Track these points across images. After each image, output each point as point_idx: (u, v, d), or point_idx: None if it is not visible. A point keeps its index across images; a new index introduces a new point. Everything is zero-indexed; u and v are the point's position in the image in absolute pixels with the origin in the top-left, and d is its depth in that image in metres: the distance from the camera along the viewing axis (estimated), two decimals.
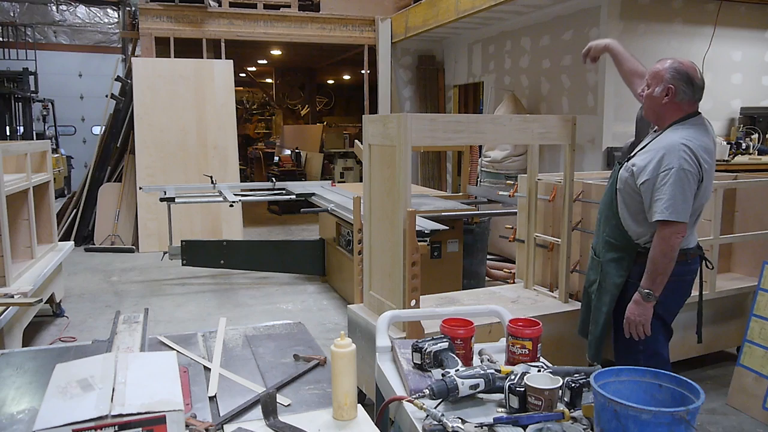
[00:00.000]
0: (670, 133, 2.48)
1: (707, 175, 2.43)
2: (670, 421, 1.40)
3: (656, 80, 2.49)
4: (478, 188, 6.50)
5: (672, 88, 2.45)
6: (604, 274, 2.65)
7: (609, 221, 2.64)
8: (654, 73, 2.50)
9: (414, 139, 2.70)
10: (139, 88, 8.07)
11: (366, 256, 3.12)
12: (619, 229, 2.58)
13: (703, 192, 2.46)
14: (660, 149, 2.42)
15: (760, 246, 4.00)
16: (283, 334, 2.28)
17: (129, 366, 1.57)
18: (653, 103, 2.52)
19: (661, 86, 2.47)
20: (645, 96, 2.53)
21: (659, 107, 2.51)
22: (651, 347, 2.57)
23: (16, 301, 3.74)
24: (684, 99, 2.47)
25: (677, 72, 2.45)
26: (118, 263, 7.12)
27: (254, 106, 17.91)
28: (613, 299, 2.60)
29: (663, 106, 2.49)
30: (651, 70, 2.53)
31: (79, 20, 14.27)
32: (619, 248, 2.59)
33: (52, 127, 13.80)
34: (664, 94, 2.47)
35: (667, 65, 2.48)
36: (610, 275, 2.62)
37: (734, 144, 6.07)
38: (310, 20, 9.39)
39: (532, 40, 7.40)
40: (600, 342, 2.69)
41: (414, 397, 1.73)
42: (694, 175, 2.37)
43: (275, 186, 6.99)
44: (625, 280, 2.57)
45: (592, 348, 2.72)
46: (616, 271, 2.59)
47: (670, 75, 2.45)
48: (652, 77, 2.50)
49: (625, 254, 2.57)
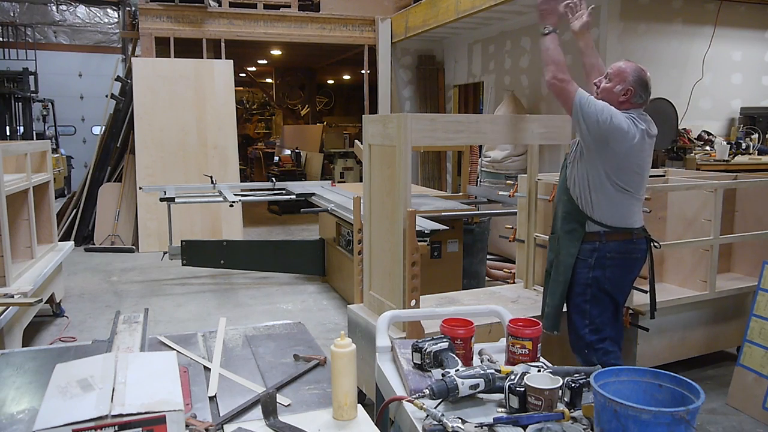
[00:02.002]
0: None
1: (641, 136, 2.62)
2: (670, 421, 1.40)
3: (619, 78, 2.67)
4: (478, 188, 6.50)
5: (631, 90, 2.67)
6: (560, 247, 2.80)
7: (561, 199, 2.83)
8: (618, 71, 2.68)
9: (414, 139, 2.70)
10: (139, 88, 8.07)
11: (366, 256, 3.12)
12: (571, 202, 2.78)
13: (637, 152, 2.64)
14: None
15: (760, 246, 4.00)
16: (283, 334, 2.28)
17: (129, 366, 1.57)
18: (609, 97, 2.69)
19: (623, 85, 2.67)
20: (602, 89, 2.71)
21: (614, 103, 2.67)
22: (596, 321, 2.75)
23: (16, 301, 3.74)
24: (637, 102, 2.70)
25: (639, 77, 2.67)
26: (118, 263, 7.12)
27: (254, 106, 17.90)
28: (569, 269, 2.74)
29: (619, 103, 2.68)
30: (615, 66, 2.71)
31: (79, 20, 14.26)
32: (572, 219, 2.75)
33: (52, 127, 13.79)
34: (622, 93, 2.67)
35: (631, 68, 2.69)
36: (565, 246, 2.77)
37: (734, 144, 6.07)
38: (310, 20, 9.39)
39: (532, 40, 7.40)
40: (558, 312, 2.82)
41: (414, 397, 1.73)
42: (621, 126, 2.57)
43: (275, 186, 6.99)
44: (578, 252, 2.73)
45: (550, 319, 2.85)
46: (570, 242, 2.75)
47: (633, 78, 2.66)
48: (616, 74, 2.68)
49: (577, 225, 2.74)
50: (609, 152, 2.62)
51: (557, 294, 2.81)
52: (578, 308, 2.78)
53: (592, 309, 2.75)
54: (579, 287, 2.75)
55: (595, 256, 2.70)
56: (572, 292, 2.77)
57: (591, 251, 2.70)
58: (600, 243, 2.69)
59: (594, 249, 2.70)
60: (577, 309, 2.79)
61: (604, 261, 2.70)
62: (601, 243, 2.69)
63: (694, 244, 3.58)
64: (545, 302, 2.94)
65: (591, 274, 2.72)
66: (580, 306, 2.77)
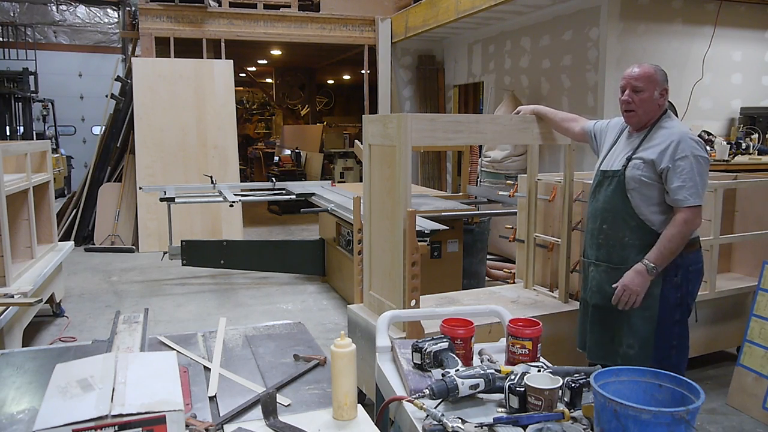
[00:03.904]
0: (667, 125, 2.58)
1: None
2: (670, 421, 1.40)
3: (652, 84, 2.56)
4: (478, 188, 6.50)
5: (666, 88, 2.61)
6: None
7: (625, 224, 2.61)
8: (647, 76, 2.56)
9: (414, 139, 2.70)
10: (139, 88, 8.07)
11: (366, 256, 3.12)
12: (641, 228, 2.57)
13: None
14: (669, 139, 2.51)
15: (760, 246, 4.00)
16: (283, 334, 2.28)
17: (129, 366, 1.56)
18: (651, 107, 2.58)
19: (658, 88, 2.59)
20: (640, 101, 2.57)
21: (654, 108, 2.59)
22: (683, 342, 2.63)
23: (16, 301, 3.74)
24: (667, 97, 2.65)
25: (663, 72, 2.61)
26: (118, 263, 7.12)
27: (254, 106, 17.90)
28: (656, 299, 2.56)
29: (659, 106, 2.61)
30: (640, 74, 2.57)
31: (79, 20, 14.26)
32: (648, 245, 2.55)
33: (52, 127, 13.79)
34: (660, 96, 2.59)
35: (654, 67, 2.59)
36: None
37: (734, 144, 6.06)
38: (310, 20, 9.39)
39: (532, 40, 7.40)
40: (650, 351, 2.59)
41: (414, 397, 1.73)
42: (708, 161, 2.51)
43: (275, 186, 6.99)
44: (662, 277, 2.56)
45: (641, 362, 2.49)
46: None
47: (662, 77, 2.59)
48: (646, 81, 2.56)
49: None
50: None
51: (647, 329, 2.58)
52: (666, 332, 2.59)
53: (681, 329, 2.62)
54: (668, 311, 2.58)
55: (680, 273, 2.57)
56: (659, 317, 2.58)
57: (675, 269, 2.55)
58: (681, 258, 2.54)
59: (677, 265, 2.55)
60: (664, 334, 2.59)
61: (689, 275, 2.59)
62: (681, 258, 2.55)
63: None
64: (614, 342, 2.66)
65: (679, 294, 2.58)
66: (668, 329, 2.59)
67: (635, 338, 2.59)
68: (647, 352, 2.58)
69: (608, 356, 2.67)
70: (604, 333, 2.70)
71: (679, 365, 2.61)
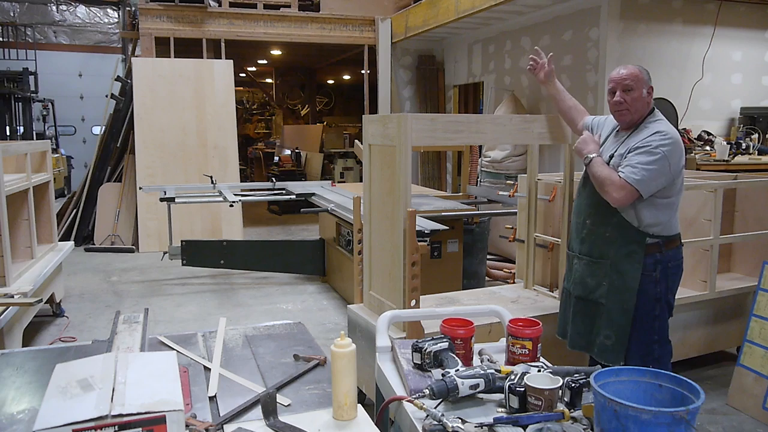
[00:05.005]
0: (650, 125, 2.63)
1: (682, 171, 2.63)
2: (670, 421, 1.40)
3: (639, 83, 2.63)
4: (478, 188, 6.50)
5: (652, 86, 2.67)
6: (621, 273, 2.65)
7: (607, 220, 2.67)
8: (634, 76, 2.62)
9: (414, 139, 2.70)
10: (139, 88, 8.07)
11: (366, 256, 3.12)
12: (622, 224, 2.63)
13: (681, 185, 2.65)
14: (654, 132, 2.57)
15: (760, 246, 4.00)
16: (283, 334, 2.28)
17: (129, 366, 1.57)
18: (642, 105, 2.64)
19: (645, 87, 2.65)
20: (632, 100, 2.62)
21: (644, 106, 2.65)
22: (663, 336, 2.69)
23: (16, 301, 3.74)
24: (653, 95, 2.71)
25: (648, 73, 2.67)
26: (118, 263, 7.12)
27: (254, 106, 17.89)
28: (634, 292, 2.62)
29: (647, 104, 2.66)
30: (627, 75, 2.63)
31: (79, 20, 14.27)
32: (630, 241, 2.62)
33: (52, 127, 13.80)
34: (647, 93, 2.65)
35: (638, 68, 2.65)
36: (627, 270, 2.63)
37: (734, 144, 6.06)
38: (310, 20, 9.39)
39: (532, 40, 7.40)
40: (626, 341, 2.66)
41: (414, 397, 1.73)
42: (667, 160, 2.51)
43: (275, 186, 6.99)
44: (641, 272, 2.62)
45: (616, 351, 2.66)
46: (631, 265, 2.63)
47: (647, 76, 2.65)
48: (635, 80, 2.61)
49: (636, 245, 2.62)
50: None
51: (623, 321, 2.65)
52: (645, 326, 2.66)
53: (661, 324, 2.68)
54: (647, 305, 2.64)
55: (659, 269, 2.62)
56: (637, 311, 2.65)
57: (654, 264, 2.62)
58: (660, 254, 2.62)
59: (656, 261, 2.62)
60: (644, 327, 2.66)
61: (667, 271, 2.64)
62: (661, 254, 2.62)
63: (694, 244, 3.57)
64: (593, 332, 2.74)
65: (658, 288, 2.64)
66: (647, 324, 2.66)
67: (612, 329, 2.67)
68: (623, 343, 2.66)
69: (588, 346, 2.77)
70: (584, 324, 2.78)
71: (662, 358, 2.68)
